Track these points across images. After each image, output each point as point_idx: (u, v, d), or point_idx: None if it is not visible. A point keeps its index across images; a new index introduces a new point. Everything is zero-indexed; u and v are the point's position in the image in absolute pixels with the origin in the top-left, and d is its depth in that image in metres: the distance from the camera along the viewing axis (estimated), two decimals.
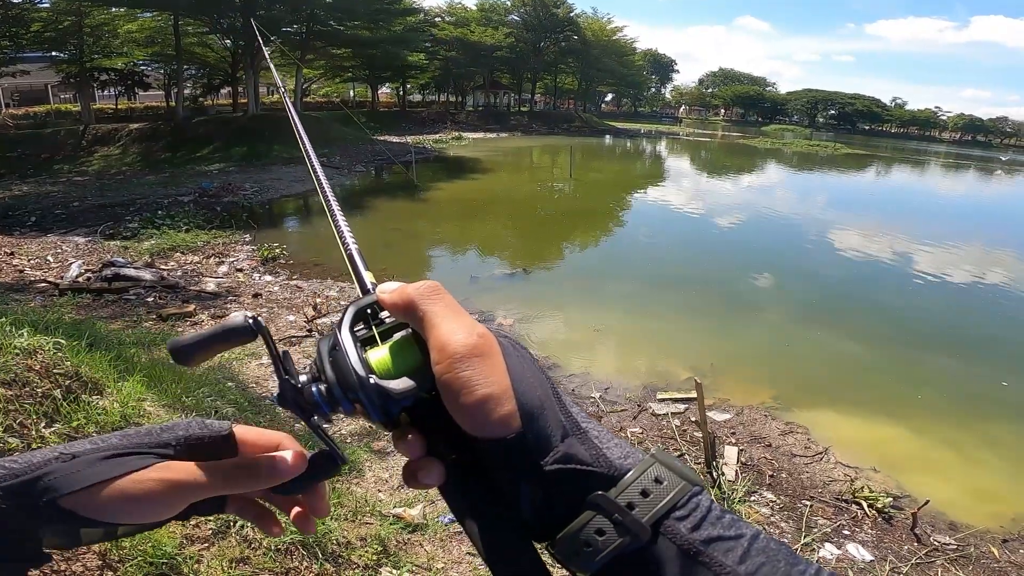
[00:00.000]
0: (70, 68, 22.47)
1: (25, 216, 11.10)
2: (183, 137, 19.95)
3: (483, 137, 33.79)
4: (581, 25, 46.89)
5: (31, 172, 16.87)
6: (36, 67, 23.29)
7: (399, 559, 2.24)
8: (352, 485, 2.60)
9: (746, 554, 0.30)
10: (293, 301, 6.57)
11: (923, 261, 11.19)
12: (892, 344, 6.87)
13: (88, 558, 1.30)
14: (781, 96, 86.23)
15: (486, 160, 23.62)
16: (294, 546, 1.71)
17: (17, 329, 2.09)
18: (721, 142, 47.60)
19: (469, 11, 43.30)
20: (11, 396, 1.58)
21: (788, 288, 9.11)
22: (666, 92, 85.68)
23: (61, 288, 6.40)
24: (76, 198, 12.87)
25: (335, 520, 2.06)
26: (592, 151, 31.89)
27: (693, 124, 70.16)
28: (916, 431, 4.89)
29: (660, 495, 0.31)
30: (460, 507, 0.35)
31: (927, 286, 9.65)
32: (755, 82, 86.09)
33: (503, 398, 0.32)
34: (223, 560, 1.50)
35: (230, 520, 1.64)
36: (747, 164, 30.24)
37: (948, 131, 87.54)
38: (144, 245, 8.77)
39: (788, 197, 19.95)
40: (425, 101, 46.53)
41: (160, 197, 12.65)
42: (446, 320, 0.34)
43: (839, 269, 10.45)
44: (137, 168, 17.50)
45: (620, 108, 73.52)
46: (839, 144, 46.41)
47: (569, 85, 54.04)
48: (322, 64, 31.19)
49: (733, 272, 9.62)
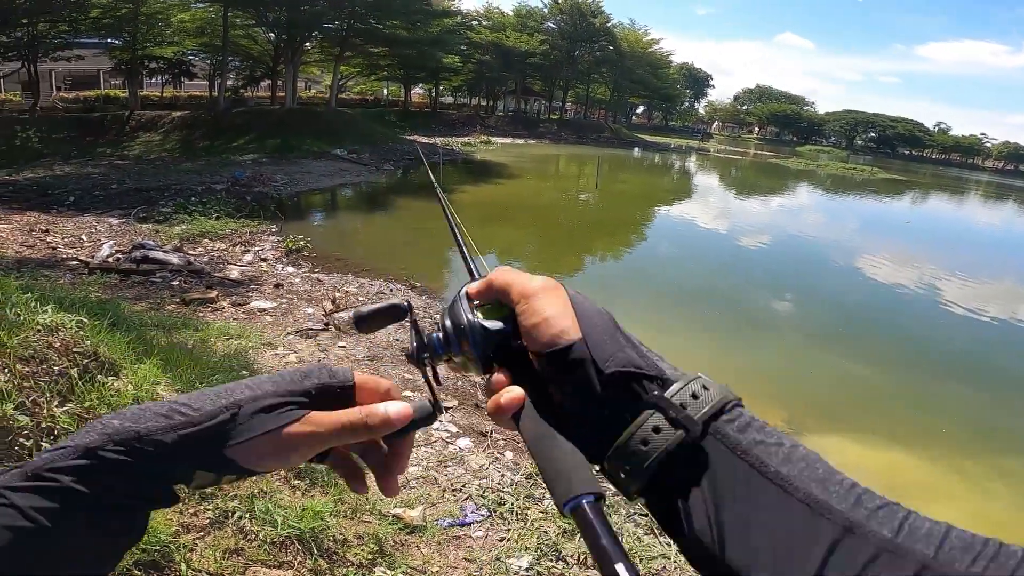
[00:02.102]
0: (123, 55, 23.30)
1: (64, 195, 11.53)
2: (222, 127, 20.51)
3: (511, 142, 33.92)
4: (617, 36, 46.78)
5: (75, 154, 17.54)
6: (91, 53, 24.21)
7: (394, 560, 2.23)
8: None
9: (788, 458, 0.32)
10: (313, 294, 6.66)
11: (952, 292, 10.82)
12: (912, 373, 6.74)
13: None
14: (819, 116, 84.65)
15: (512, 166, 23.69)
16: (289, 540, 1.72)
17: (42, 305, 2.15)
18: (752, 160, 46.87)
19: (506, 16, 43.64)
20: (28, 373, 1.63)
21: (809, 311, 8.93)
22: (699, 107, 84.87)
23: (91, 267, 6.62)
24: (115, 180, 13.33)
25: (333, 516, 2.06)
26: (620, 163, 31.74)
27: (725, 141, 69.27)
28: (928, 459, 4.83)
29: (708, 399, 0.34)
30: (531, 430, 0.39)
31: (954, 318, 9.36)
32: (793, 100, 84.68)
33: (565, 315, 0.38)
34: (217, 551, 1.51)
35: (227, 510, 1.66)
36: (778, 184, 29.71)
37: (992, 159, 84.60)
38: (175, 230, 9.01)
39: (817, 220, 19.52)
40: (456, 103, 46.96)
41: (194, 184, 13.00)
42: (520, 279, 0.41)
43: (864, 295, 10.20)
44: (176, 155, 18.04)
45: (651, 121, 73.10)
46: (876, 168, 45.30)
47: (601, 95, 53.94)
48: (359, 61, 31.73)
49: (754, 292, 9.46)
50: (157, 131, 20.18)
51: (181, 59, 27.10)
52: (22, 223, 8.91)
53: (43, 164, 15.71)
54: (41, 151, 17.55)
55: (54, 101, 23.83)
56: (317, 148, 19.14)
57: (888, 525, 0.28)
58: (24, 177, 13.55)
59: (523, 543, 2.65)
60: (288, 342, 5.05)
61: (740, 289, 9.59)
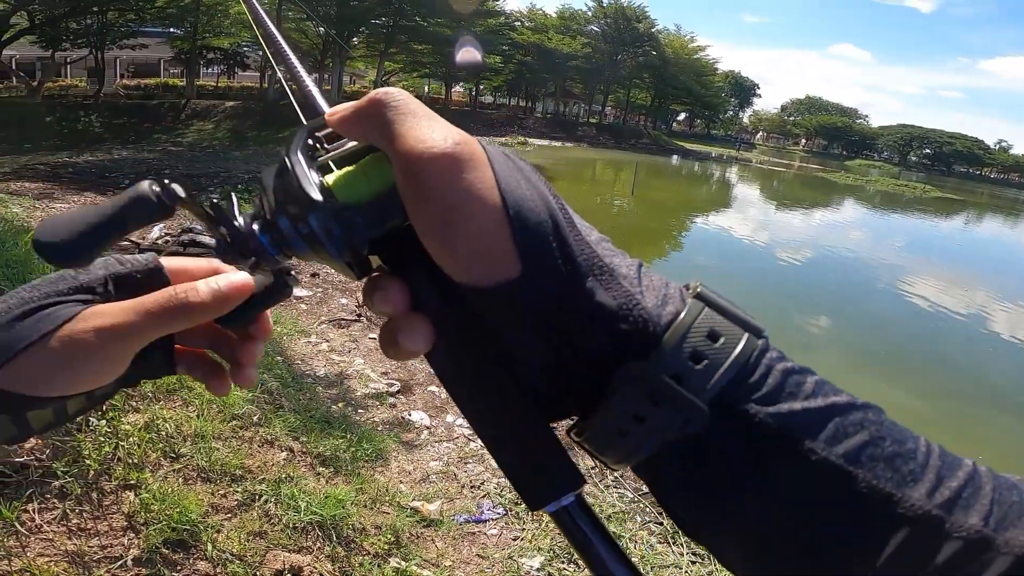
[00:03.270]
0: (183, 44, 24.43)
1: (121, 178, 12.16)
2: (270, 117, 21.24)
3: (548, 144, 33.88)
4: (662, 41, 46.17)
5: (132, 139, 18.48)
6: (153, 42, 25.45)
7: (409, 552, 2.29)
8: (376, 473, 2.68)
9: (841, 431, 0.23)
10: (348, 284, 6.83)
11: (1002, 320, 10.27)
12: (954, 401, 6.49)
13: (115, 518, 1.42)
14: (872, 130, 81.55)
15: (548, 168, 23.69)
16: (311, 526, 1.79)
17: None
18: (797, 173, 45.48)
19: (549, 18, 43.66)
20: None
21: (847, 332, 8.64)
22: (744, 116, 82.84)
23: (142, 247, 6.97)
24: (168, 166, 13.99)
25: (354, 505, 2.13)
26: (657, 169, 31.30)
27: (768, 152, 67.40)
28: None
29: (719, 358, 0.23)
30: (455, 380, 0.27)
31: (1005, 347, 8.90)
32: (844, 113, 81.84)
33: (493, 225, 0.23)
34: (242, 532, 1.58)
35: (255, 493, 1.74)
36: (822, 199, 28.74)
37: None
38: None
39: (862, 238, 18.80)
40: (496, 103, 47.22)
41: (241, 172, 13.50)
42: (414, 125, 0.24)
43: (906, 318, 9.81)
44: (226, 143, 18.80)
45: (692, 128, 71.76)
46: (929, 186, 43.29)
47: (642, 100, 53.29)
48: (403, 58, 32.33)
49: (788, 308, 9.21)
50: (210, 120, 21.05)
51: (236, 50, 28.17)
52: (80, 203, 9.45)
53: (103, 148, 16.63)
54: (102, 135, 18.59)
55: (117, 88, 25.14)
56: None
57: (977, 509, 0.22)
58: (84, 160, 14.38)
59: (536, 543, 2.67)
60: (321, 331, 5.21)
61: (774, 305, 9.34)
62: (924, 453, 0.23)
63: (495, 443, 0.27)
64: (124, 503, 1.47)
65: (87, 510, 1.39)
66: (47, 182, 11.17)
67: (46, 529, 1.35)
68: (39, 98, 20.16)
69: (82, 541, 1.37)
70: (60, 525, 1.38)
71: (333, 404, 3.26)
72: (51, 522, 1.37)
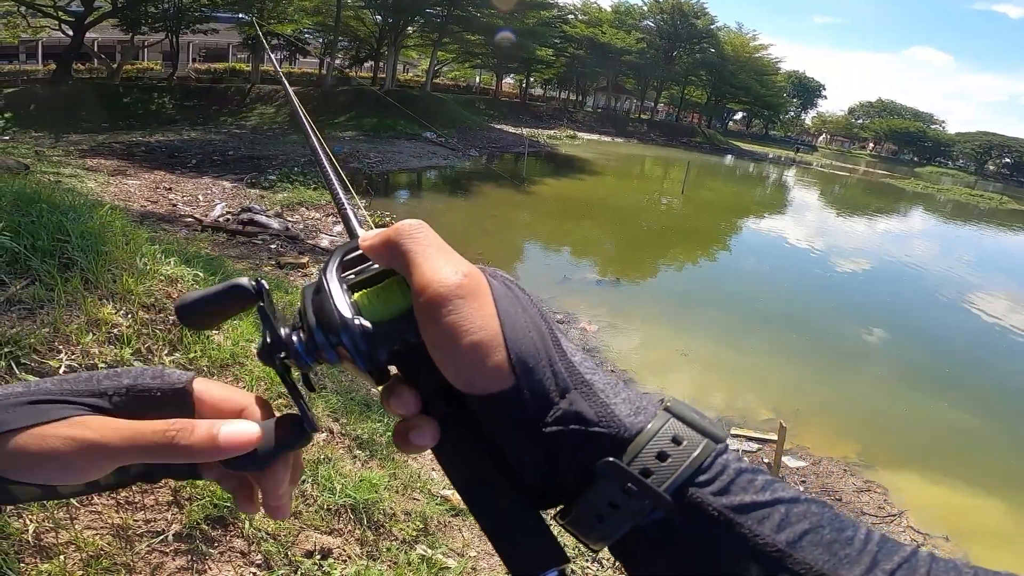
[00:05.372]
0: (251, 30, 25.49)
1: (188, 158, 12.84)
2: (327, 103, 21.88)
3: (598, 139, 33.39)
4: (721, 39, 44.51)
5: (201, 121, 19.45)
6: (223, 27, 26.64)
7: (436, 539, 2.32)
8: (410, 459, 2.73)
9: (785, 521, 0.26)
10: None
11: None
12: (1009, 420, 6.13)
13: (161, 493, 1.48)
14: (947, 136, 76.02)
15: (596, 163, 23.34)
16: (344, 509, 1.84)
17: (167, 257, 2.42)
18: (862, 178, 43.01)
19: (603, 12, 42.80)
20: (147, 319, 1.85)
21: (902, 346, 8.17)
22: (806, 118, 78.88)
23: (204, 225, 7.33)
24: (232, 148, 14.65)
25: (387, 490, 2.18)
26: (710, 169, 30.30)
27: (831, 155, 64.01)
28: (1005, 505, 4.49)
29: (680, 458, 0.28)
30: (457, 471, 0.32)
31: None
32: (919, 117, 76.55)
33: (491, 346, 0.28)
34: None
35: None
36: (888, 206, 27.07)
37: None
38: (278, 196, 9.76)
39: (928, 249, 17.59)
40: (546, 96, 46.85)
41: (298, 155, 13.99)
42: (429, 258, 0.30)
43: (968, 336, 9.18)
44: (285, 127, 19.51)
45: (749, 128, 68.98)
46: (1006, 197, 40.03)
47: (697, 98, 51.60)
48: (455, 48, 32.53)
49: (842, 320, 8.77)
50: (272, 104, 21.89)
51: (298, 36, 29.11)
52: (150, 180, 10.03)
53: (174, 128, 17.59)
54: (174, 116, 19.66)
55: (189, 71, 26.48)
56: (410, 130, 19.91)
57: None
58: (156, 139, 15.25)
59: (561, 540, 2.67)
60: None
61: (826, 315, 8.90)
62: (863, 540, 0.26)
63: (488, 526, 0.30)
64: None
65: (137, 483, 1.45)
66: (122, 159, 11.93)
67: (96, 501, 1.39)
68: (118, 79, 21.51)
69: (128, 515, 1.41)
70: (110, 498, 1.41)
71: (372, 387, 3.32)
72: (102, 494, 1.39)
